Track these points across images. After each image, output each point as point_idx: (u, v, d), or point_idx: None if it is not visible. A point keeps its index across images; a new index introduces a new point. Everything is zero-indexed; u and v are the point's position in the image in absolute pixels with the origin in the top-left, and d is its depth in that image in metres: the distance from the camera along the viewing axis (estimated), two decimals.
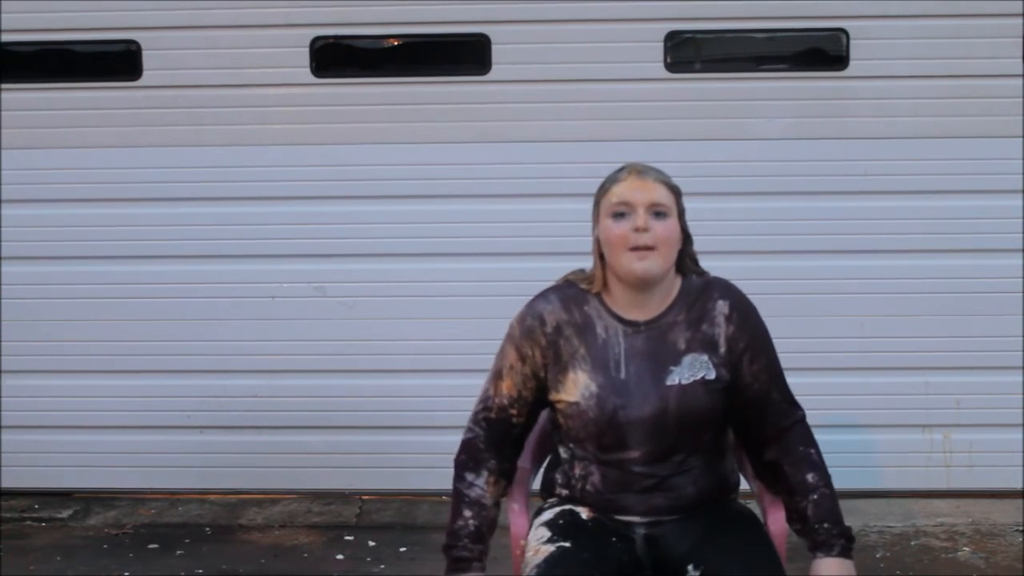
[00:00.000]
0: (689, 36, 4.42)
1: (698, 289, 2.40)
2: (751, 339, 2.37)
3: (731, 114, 4.40)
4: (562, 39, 4.38)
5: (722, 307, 2.37)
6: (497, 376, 2.43)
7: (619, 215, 2.31)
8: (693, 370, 2.32)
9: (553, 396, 2.39)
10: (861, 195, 4.39)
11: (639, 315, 2.36)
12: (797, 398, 2.45)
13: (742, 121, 4.40)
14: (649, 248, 2.29)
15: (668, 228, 2.32)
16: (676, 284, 2.40)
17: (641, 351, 2.34)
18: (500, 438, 2.44)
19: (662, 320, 2.36)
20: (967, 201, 4.38)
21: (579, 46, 4.38)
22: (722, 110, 4.40)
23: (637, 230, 2.29)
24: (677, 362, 2.33)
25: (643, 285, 2.34)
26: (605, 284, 2.39)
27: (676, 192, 2.37)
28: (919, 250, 4.41)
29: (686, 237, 2.40)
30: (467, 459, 2.44)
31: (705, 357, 2.34)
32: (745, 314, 2.39)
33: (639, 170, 2.36)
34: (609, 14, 4.36)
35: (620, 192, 2.33)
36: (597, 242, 2.38)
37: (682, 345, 2.34)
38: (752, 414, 2.40)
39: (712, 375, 2.33)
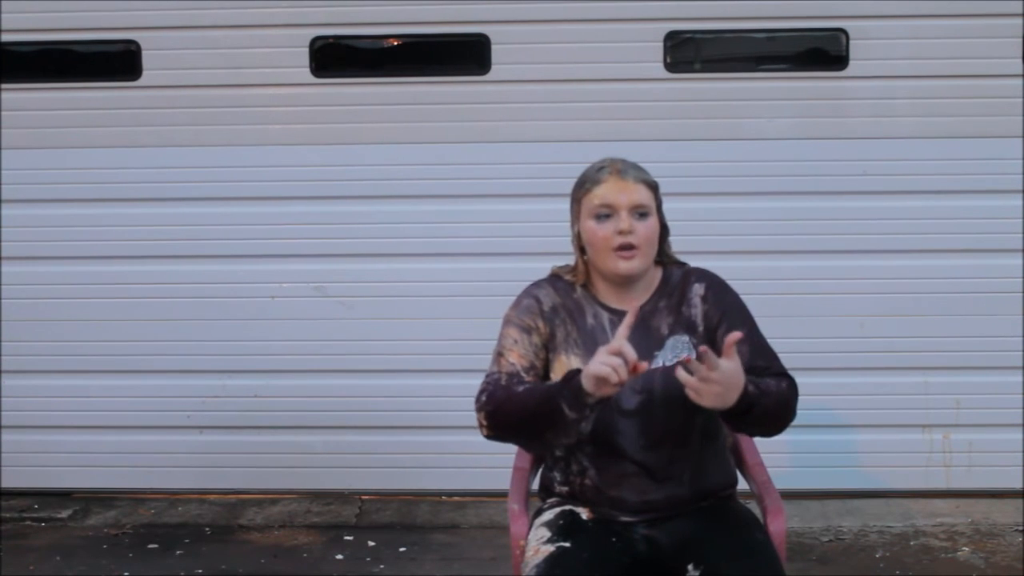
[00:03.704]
0: (689, 36, 4.42)
1: (678, 278, 2.46)
2: (724, 313, 2.41)
3: (731, 114, 4.40)
4: (562, 39, 4.39)
5: (698, 289, 2.44)
6: (498, 355, 2.41)
7: (602, 217, 2.36)
8: (676, 351, 2.37)
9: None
10: (861, 195, 4.39)
11: (623, 305, 2.42)
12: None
13: (742, 121, 4.40)
14: (633, 247, 2.34)
15: (650, 228, 2.37)
16: (657, 275, 2.46)
17: (628, 339, 2.35)
18: None
19: (645, 308, 2.42)
20: (967, 201, 4.38)
21: (579, 46, 4.38)
22: (722, 110, 4.40)
23: (621, 232, 2.34)
24: (660, 346, 2.38)
25: (625, 280, 2.40)
26: (588, 277, 2.45)
27: (655, 188, 2.42)
28: (919, 250, 4.41)
29: (663, 229, 2.46)
30: (503, 389, 2.31)
31: (686, 338, 2.38)
32: (720, 292, 2.44)
33: (619, 169, 2.39)
34: (609, 14, 4.36)
35: (602, 194, 2.37)
36: (578, 237, 2.44)
37: (665, 330, 2.40)
38: None
39: (694, 355, 2.34)
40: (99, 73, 4.51)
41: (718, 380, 2.11)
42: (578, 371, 2.20)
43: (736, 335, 2.14)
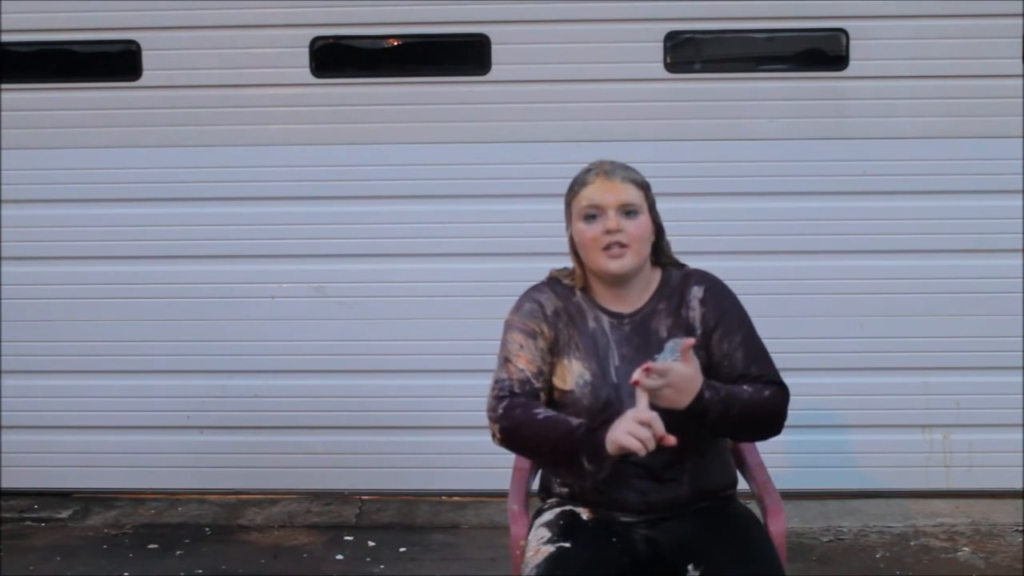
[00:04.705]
0: (689, 36, 4.42)
1: (677, 280, 2.46)
2: (721, 316, 2.41)
3: (731, 114, 4.40)
4: (562, 39, 4.38)
5: (697, 292, 2.43)
6: (505, 361, 2.41)
7: (590, 217, 2.37)
8: (674, 355, 2.35)
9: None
10: (861, 195, 4.39)
11: (623, 308, 2.43)
12: (797, 398, 2.44)
13: (742, 121, 4.40)
14: (622, 246, 2.35)
15: (639, 226, 2.37)
16: (655, 277, 2.46)
17: (628, 342, 2.40)
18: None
19: (645, 311, 2.42)
20: (967, 201, 4.38)
21: (579, 46, 4.38)
22: (722, 110, 4.40)
23: (609, 231, 2.34)
24: (660, 349, 2.36)
25: (620, 281, 2.40)
26: (586, 280, 2.45)
27: (645, 188, 2.42)
28: (919, 250, 4.41)
29: (658, 229, 2.45)
30: (523, 408, 2.32)
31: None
32: (719, 296, 2.44)
33: (607, 170, 2.40)
34: (609, 14, 4.36)
35: (589, 195, 2.38)
36: (572, 241, 2.44)
37: (664, 333, 2.40)
38: None
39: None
40: (99, 73, 4.51)
41: (669, 384, 2.16)
42: (604, 425, 2.20)
43: (690, 340, 2.19)
